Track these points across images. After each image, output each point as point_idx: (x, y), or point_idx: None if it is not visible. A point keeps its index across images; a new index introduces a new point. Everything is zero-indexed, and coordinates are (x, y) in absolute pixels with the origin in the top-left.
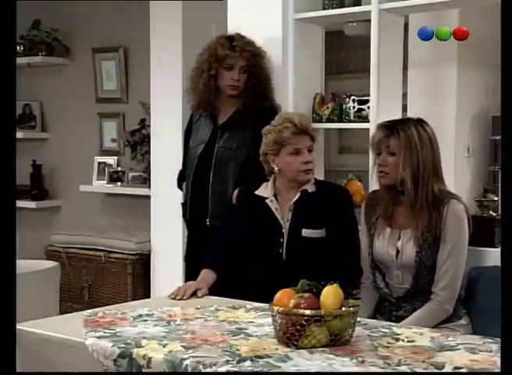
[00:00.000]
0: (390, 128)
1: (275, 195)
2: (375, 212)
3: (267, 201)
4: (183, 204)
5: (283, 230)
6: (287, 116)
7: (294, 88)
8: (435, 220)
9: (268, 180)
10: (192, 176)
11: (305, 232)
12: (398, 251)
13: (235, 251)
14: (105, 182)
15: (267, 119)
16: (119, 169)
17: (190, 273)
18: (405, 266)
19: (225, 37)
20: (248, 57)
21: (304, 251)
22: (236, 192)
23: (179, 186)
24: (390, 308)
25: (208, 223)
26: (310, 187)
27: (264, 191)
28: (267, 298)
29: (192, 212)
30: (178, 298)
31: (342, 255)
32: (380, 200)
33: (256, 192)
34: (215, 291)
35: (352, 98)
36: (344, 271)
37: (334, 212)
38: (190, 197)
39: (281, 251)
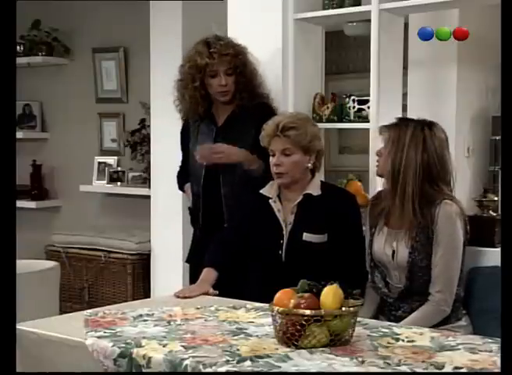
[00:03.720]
0: (394, 124)
1: (279, 195)
2: (377, 211)
3: (270, 201)
4: (191, 209)
5: (284, 232)
6: (273, 118)
7: (294, 88)
8: (427, 221)
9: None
10: (202, 181)
11: (306, 236)
12: (394, 252)
13: (236, 250)
14: (105, 182)
15: (262, 116)
16: (119, 169)
17: (195, 276)
18: (400, 267)
19: (202, 43)
20: (230, 59)
21: (304, 254)
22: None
23: (181, 188)
24: (390, 308)
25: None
26: (314, 191)
27: (269, 190)
28: (266, 298)
29: (205, 218)
30: (181, 295)
31: (344, 262)
32: (382, 199)
33: (261, 191)
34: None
35: (352, 98)
36: (346, 278)
37: (338, 219)
38: (202, 202)
39: (280, 252)
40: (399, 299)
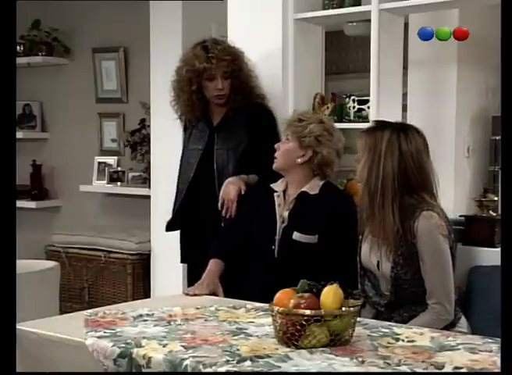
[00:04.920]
0: (371, 128)
1: (285, 191)
2: (363, 217)
3: (275, 194)
4: (174, 207)
5: (277, 228)
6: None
7: (294, 88)
8: (408, 235)
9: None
10: (191, 179)
11: (296, 235)
12: (379, 262)
13: (239, 242)
14: (105, 182)
15: (255, 117)
16: (119, 169)
17: (193, 277)
18: (386, 278)
19: (199, 46)
20: (227, 64)
21: (294, 253)
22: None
23: None
24: (383, 318)
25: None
26: (311, 190)
27: (279, 184)
28: (259, 293)
29: (191, 215)
30: (191, 293)
31: (337, 264)
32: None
33: (271, 185)
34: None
35: (352, 98)
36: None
37: (333, 220)
38: (183, 199)
39: (273, 247)
40: (389, 309)
